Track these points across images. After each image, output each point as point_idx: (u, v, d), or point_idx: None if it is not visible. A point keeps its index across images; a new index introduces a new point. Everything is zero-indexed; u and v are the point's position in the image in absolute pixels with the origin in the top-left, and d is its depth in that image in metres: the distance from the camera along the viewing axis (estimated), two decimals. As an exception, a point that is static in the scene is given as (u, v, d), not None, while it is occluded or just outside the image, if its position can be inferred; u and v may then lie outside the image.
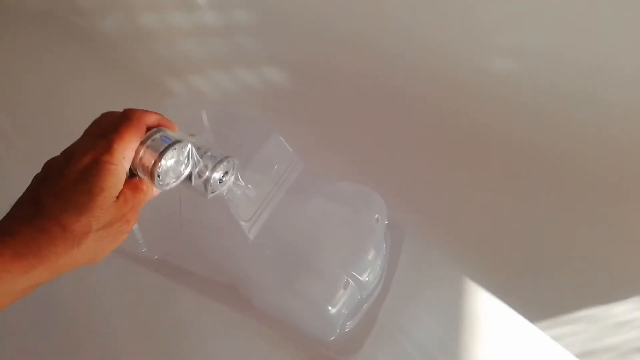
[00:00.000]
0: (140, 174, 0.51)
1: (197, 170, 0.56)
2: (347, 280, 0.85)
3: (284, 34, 1.57)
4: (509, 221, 1.11)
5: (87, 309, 0.94)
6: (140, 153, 0.49)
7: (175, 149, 0.51)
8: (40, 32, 1.70)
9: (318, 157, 1.17)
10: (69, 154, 0.46)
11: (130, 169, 0.50)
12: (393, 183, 1.13)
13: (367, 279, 0.88)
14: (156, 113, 0.53)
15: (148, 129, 0.51)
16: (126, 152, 0.47)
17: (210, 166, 0.58)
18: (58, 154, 0.48)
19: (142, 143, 0.49)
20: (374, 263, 0.90)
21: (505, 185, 1.18)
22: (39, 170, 0.47)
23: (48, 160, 0.48)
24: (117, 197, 0.47)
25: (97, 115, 0.52)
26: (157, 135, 0.50)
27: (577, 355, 0.88)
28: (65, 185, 0.43)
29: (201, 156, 0.57)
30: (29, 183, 0.46)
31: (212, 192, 0.60)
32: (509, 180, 1.19)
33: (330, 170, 1.16)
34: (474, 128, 1.27)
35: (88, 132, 0.50)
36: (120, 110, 0.51)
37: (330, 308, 0.82)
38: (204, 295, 0.95)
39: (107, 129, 0.48)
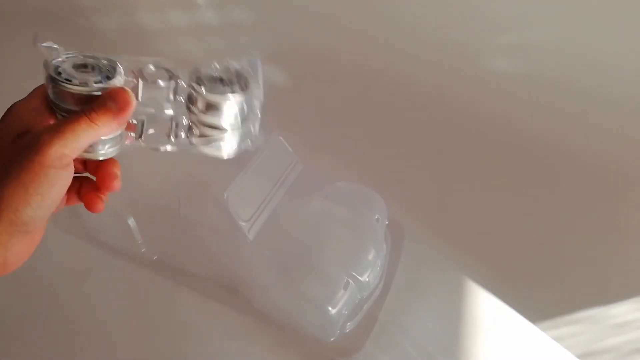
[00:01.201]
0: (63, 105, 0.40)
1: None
2: (348, 281, 0.85)
3: (284, 32, 1.57)
4: (509, 222, 1.11)
5: (87, 309, 0.94)
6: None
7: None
8: (38, 31, 1.69)
9: (318, 157, 1.17)
10: None
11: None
12: (393, 183, 1.13)
13: (367, 279, 0.88)
14: None
15: None
16: None
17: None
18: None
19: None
20: (374, 263, 0.90)
21: (506, 186, 1.18)
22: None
23: None
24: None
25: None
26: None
27: (578, 356, 0.87)
28: None
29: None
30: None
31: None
32: (509, 181, 1.19)
33: (330, 170, 1.16)
34: (475, 128, 1.27)
35: None
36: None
37: (330, 309, 0.82)
38: (204, 296, 0.94)
39: None
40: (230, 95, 0.41)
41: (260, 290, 0.88)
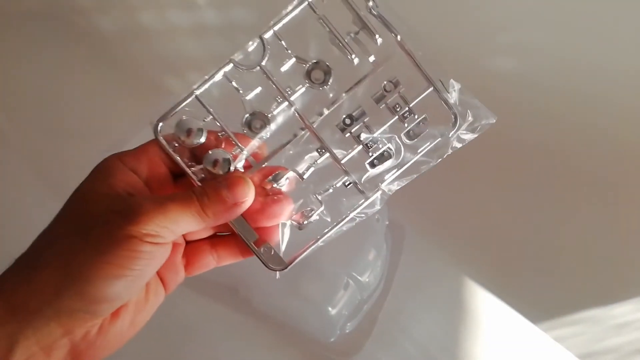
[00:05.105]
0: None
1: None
2: (347, 281, 0.85)
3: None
4: (510, 221, 1.11)
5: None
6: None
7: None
8: (37, 31, 1.69)
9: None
10: None
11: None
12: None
13: (367, 279, 0.87)
14: None
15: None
16: None
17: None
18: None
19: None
20: (374, 264, 0.89)
21: (507, 185, 1.17)
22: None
23: None
24: None
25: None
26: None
27: (578, 357, 0.87)
28: None
29: None
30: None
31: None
32: (510, 180, 1.19)
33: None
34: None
35: None
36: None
37: (330, 309, 0.82)
38: (204, 296, 0.94)
39: None
40: None
41: (260, 291, 0.88)
